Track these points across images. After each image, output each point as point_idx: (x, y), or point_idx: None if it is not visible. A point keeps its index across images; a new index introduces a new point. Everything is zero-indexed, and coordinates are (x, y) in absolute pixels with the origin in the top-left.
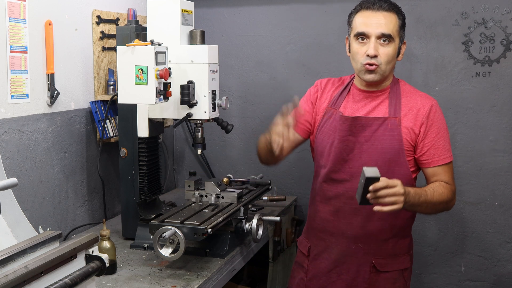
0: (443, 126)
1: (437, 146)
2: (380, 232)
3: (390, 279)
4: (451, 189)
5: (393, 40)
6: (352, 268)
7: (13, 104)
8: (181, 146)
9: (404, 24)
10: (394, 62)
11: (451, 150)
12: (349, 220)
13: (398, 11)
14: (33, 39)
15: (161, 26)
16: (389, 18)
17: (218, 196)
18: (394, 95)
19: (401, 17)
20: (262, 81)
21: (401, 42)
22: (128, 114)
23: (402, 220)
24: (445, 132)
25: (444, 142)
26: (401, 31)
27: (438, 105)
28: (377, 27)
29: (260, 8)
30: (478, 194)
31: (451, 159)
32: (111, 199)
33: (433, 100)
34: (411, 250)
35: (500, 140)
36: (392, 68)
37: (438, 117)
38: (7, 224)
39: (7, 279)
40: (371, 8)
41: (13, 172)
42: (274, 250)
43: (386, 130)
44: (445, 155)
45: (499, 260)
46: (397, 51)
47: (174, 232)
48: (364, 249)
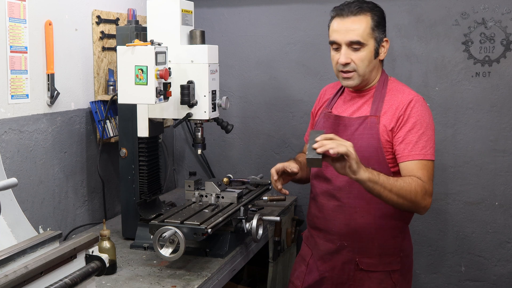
0: (420, 122)
1: (410, 140)
2: (363, 230)
3: (376, 279)
4: (422, 185)
5: (364, 45)
6: (338, 265)
7: (13, 104)
8: (181, 146)
9: (381, 22)
10: (375, 63)
11: (431, 149)
12: (333, 217)
13: (371, 9)
14: (33, 39)
15: (161, 26)
16: (358, 23)
17: (218, 196)
18: (379, 94)
19: (376, 15)
20: (262, 81)
21: (379, 42)
22: (128, 114)
23: (388, 219)
24: (422, 129)
25: (419, 138)
26: (376, 31)
27: (420, 101)
28: (346, 34)
29: (260, 8)
30: (478, 194)
31: (428, 157)
32: (111, 199)
33: (416, 96)
34: (403, 252)
35: (500, 140)
36: (373, 69)
37: (416, 112)
38: (7, 224)
39: (7, 279)
40: (341, 15)
41: (13, 172)
42: (274, 250)
43: (365, 129)
44: (418, 151)
45: (499, 260)
46: (374, 52)
47: (174, 232)
48: (348, 247)
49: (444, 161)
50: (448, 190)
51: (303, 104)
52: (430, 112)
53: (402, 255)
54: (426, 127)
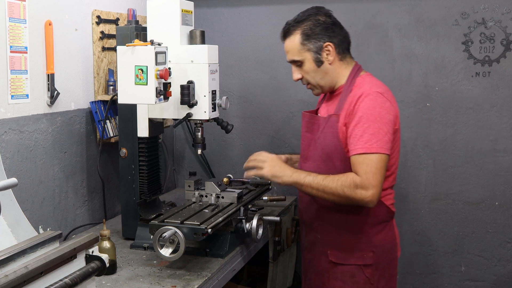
0: (367, 116)
1: (355, 135)
2: (333, 224)
3: (347, 273)
4: (352, 180)
5: (302, 60)
6: (316, 256)
7: (13, 104)
8: (181, 146)
9: (315, 30)
10: (323, 70)
11: (378, 142)
12: (307, 209)
13: (301, 24)
14: (33, 39)
15: (161, 26)
16: (291, 43)
17: (218, 196)
18: (345, 92)
19: (307, 27)
20: (262, 81)
21: (317, 51)
22: (128, 114)
23: (357, 215)
24: (368, 122)
25: (364, 132)
26: (309, 43)
27: (371, 95)
28: (287, 56)
29: (260, 8)
30: (478, 194)
31: (372, 150)
32: (111, 199)
33: (368, 91)
34: (377, 248)
35: (500, 140)
36: (325, 76)
37: (363, 106)
38: (7, 224)
39: (7, 279)
40: (281, 39)
41: (13, 172)
42: (274, 250)
43: (328, 128)
44: (362, 145)
45: (499, 260)
46: (315, 62)
47: (174, 232)
48: (321, 239)
49: (444, 161)
50: (448, 190)
51: (303, 104)
52: (385, 106)
53: (376, 250)
54: (373, 120)
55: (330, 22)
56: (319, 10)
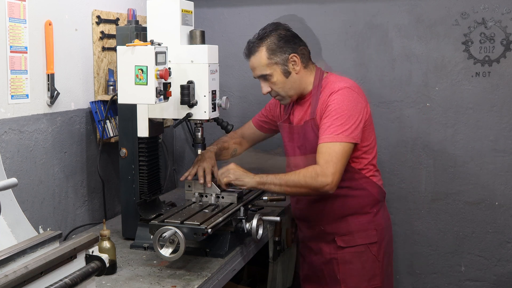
0: (336, 109)
1: (323, 125)
2: (335, 213)
3: (355, 253)
4: (312, 169)
5: (269, 74)
6: (322, 247)
7: (13, 104)
8: (181, 146)
9: (279, 43)
10: (292, 81)
11: (345, 131)
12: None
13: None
14: (33, 39)
15: (161, 26)
16: (257, 60)
17: (218, 196)
18: (315, 96)
19: (272, 41)
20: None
21: (283, 63)
22: (128, 114)
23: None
24: (337, 114)
25: (332, 123)
26: (275, 56)
27: (342, 91)
28: (253, 72)
29: (260, 8)
30: (478, 194)
31: (337, 140)
32: (111, 199)
33: (340, 87)
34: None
35: (500, 140)
36: (293, 85)
37: (333, 101)
38: (7, 224)
39: (7, 279)
40: (246, 57)
41: (13, 172)
42: (274, 250)
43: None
44: (327, 135)
45: (499, 260)
46: (283, 73)
47: (174, 232)
48: (326, 230)
49: (444, 161)
50: (448, 190)
51: None
52: (352, 98)
53: (378, 228)
54: (341, 112)
55: (291, 34)
56: (277, 25)
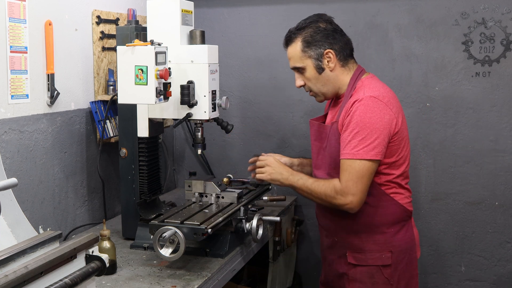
0: (357, 122)
1: (344, 140)
2: (350, 227)
3: (366, 274)
4: (333, 187)
5: (303, 67)
6: (335, 259)
7: (13, 104)
8: (181, 146)
9: (315, 37)
10: (324, 77)
11: (366, 148)
12: (324, 214)
13: (302, 31)
14: (33, 39)
15: (161, 26)
16: (293, 51)
17: (218, 196)
18: (346, 98)
19: (307, 35)
20: (262, 81)
21: (317, 58)
22: (128, 114)
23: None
24: (357, 128)
25: (353, 137)
26: (309, 50)
27: (364, 101)
28: (289, 62)
29: (260, 8)
30: (478, 194)
31: (358, 157)
32: (111, 199)
33: (364, 96)
34: (395, 248)
35: (500, 140)
36: (327, 83)
37: (355, 112)
38: (7, 224)
39: (7, 279)
40: (284, 46)
41: (13, 172)
42: (274, 250)
43: (333, 135)
44: (348, 151)
45: (499, 260)
46: (316, 69)
47: (174, 232)
48: (339, 242)
49: (444, 161)
50: (448, 190)
51: (303, 104)
52: (376, 110)
53: (394, 250)
54: (363, 126)
55: (331, 28)
56: (320, 17)
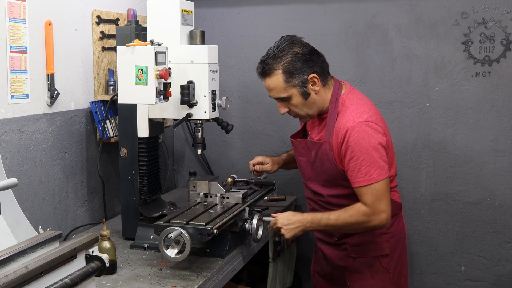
0: (358, 150)
1: (353, 169)
2: None
3: (365, 264)
4: (363, 212)
5: (287, 97)
6: (336, 253)
7: (13, 104)
8: (181, 146)
9: (297, 65)
10: (310, 101)
11: (376, 171)
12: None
13: (281, 60)
14: (33, 39)
15: (161, 26)
16: (274, 83)
17: (223, 196)
18: (331, 118)
19: (288, 63)
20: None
21: (302, 85)
22: (128, 114)
23: None
24: (361, 155)
25: (360, 165)
26: (293, 79)
27: (356, 128)
28: (269, 93)
29: (260, 8)
30: (478, 194)
31: (372, 181)
32: (111, 199)
33: (353, 122)
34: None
35: (500, 140)
36: (312, 105)
37: (352, 141)
38: (7, 224)
39: (7, 279)
40: (260, 76)
41: (13, 172)
42: (274, 250)
43: (323, 154)
44: (361, 178)
45: (499, 260)
46: (302, 95)
47: (180, 232)
48: (338, 239)
49: (444, 161)
50: (448, 190)
51: None
52: (370, 133)
53: (391, 240)
54: (365, 152)
55: (307, 51)
56: (292, 42)
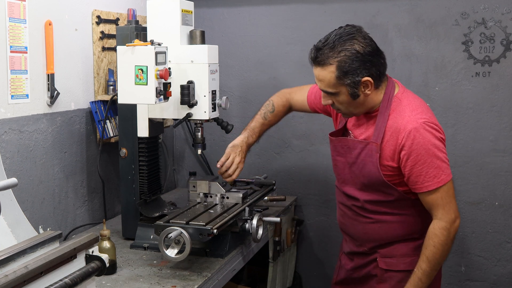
0: (422, 153)
1: (418, 173)
2: (381, 236)
3: (395, 277)
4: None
5: (335, 93)
6: (362, 263)
7: (13, 104)
8: (181, 146)
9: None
10: (358, 102)
11: (443, 172)
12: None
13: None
14: (33, 39)
15: (161, 26)
16: (325, 76)
17: (223, 196)
18: (382, 117)
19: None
20: (262, 81)
21: (354, 86)
22: (128, 114)
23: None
24: (428, 157)
25: (428, 168)
26: (345, 78)
27: (420, 128)
28: (317, 82)
29: (260, 8)
30: (478, 194)
31: (441, 183)
32: (111, 199)
33: (416, 123)
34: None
35: (500, 140)
36: (360, 106)
37: (418, 142)
38: (7, 224)
39: (7, 279)
40: (312, 61)
41: (13, 172)
42: (274, 250)
43: (366, 156)
44: (429, 182)
45: (499, 260)
46: (350, 96)
47: (180, 232)
48: (369, 251)
49: None
50: None
51: None
52: (433, 133)
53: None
54: (432, 154)
55: (369, 52)
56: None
